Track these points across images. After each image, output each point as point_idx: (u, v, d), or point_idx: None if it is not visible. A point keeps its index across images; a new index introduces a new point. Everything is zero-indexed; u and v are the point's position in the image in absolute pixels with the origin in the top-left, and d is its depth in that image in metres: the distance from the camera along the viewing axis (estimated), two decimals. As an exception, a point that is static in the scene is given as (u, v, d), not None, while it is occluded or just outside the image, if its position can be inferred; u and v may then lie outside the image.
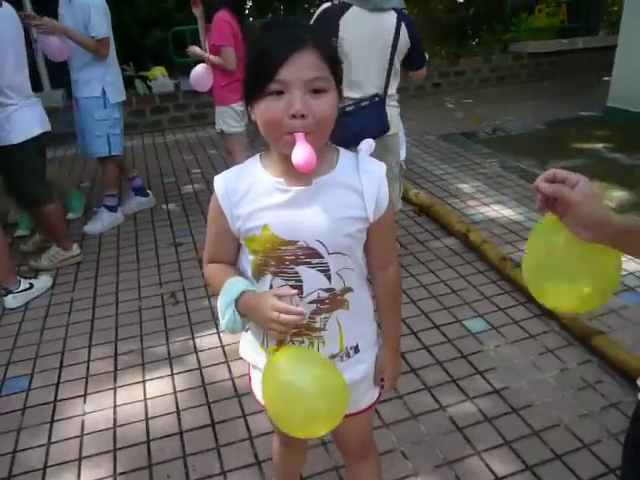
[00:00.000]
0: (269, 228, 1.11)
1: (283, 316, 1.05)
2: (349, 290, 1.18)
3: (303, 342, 1.19)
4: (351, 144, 1.27)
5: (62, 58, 3.70)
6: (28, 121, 3.11)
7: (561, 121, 6.14)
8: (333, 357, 1.22)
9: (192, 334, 2.73)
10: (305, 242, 1.10)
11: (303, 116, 0.99)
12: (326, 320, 1.18)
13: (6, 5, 3.02)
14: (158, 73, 6.55)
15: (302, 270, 1.13)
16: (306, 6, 9.95)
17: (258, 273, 1.17)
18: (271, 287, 1.16)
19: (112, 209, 4.08)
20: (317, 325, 1.18)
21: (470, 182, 4.50)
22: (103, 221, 4.03)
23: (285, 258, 1.12)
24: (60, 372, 2.51)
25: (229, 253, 1.22)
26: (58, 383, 2.44)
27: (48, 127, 3.26)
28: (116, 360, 2.57)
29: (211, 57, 3.51)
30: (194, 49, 3.68)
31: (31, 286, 3.12)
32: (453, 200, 4.16)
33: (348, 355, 1.24)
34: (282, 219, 1.10)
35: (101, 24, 3.61)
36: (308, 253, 1.11)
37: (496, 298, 2.89)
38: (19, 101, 3.07)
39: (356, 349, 1.25)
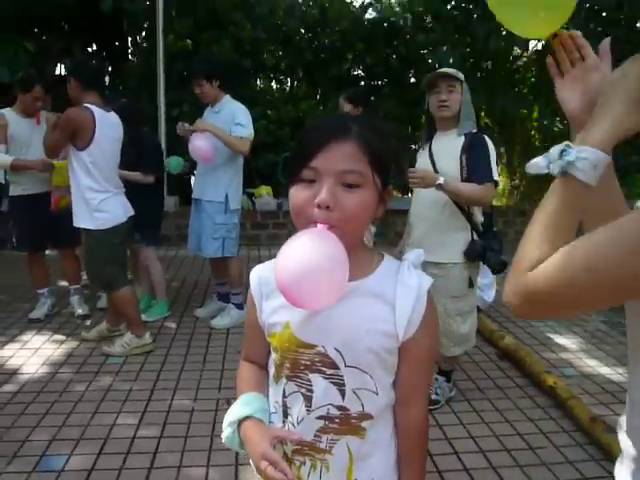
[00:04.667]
0: (290, 326, 1.03)
1: (269, 470, 0.95)
2: (368, 417, 1.04)
3: (304, 463, 1.06)
4: None
5: (208, 161, 3.84)
6: (116, 209, 3.39)
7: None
8: None
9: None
10: (324, 348, 1.01)
11: (328, 207, 0.93)
12: (334, 443, 1.04)
13: (113, 113, 3.45)
14: (264, 192, 6.97)
15: (315, 379, 1.03)
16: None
17: (277, 374, 1.09)
18: (284, 392, 1.07)
19: (239, 306, 4.17)
20: (322, 446, 1.04)
21: (564, 333, 4.15)
22: (232, 317, 4.14)
23: (301, 362, 1.04)
24: (97, 458, 2.43)
25: (261, 352, 1.15)
26: (92, 469, 2.35)
27: (131, 212, 3.51)
28: (154, 458, 2.46)
29: None
30: None
31: None
32: (542, 349, 3.82)
33: None
34: (304, 319, 1.02)
35: (246, 125, 3.88)
36: (325, 361, 1.02)
37: (581, 464, 2.49)
38: (111, 190, 3.38)
39: None
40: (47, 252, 4.27)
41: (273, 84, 8.68)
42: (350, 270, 0.95)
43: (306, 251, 0.90)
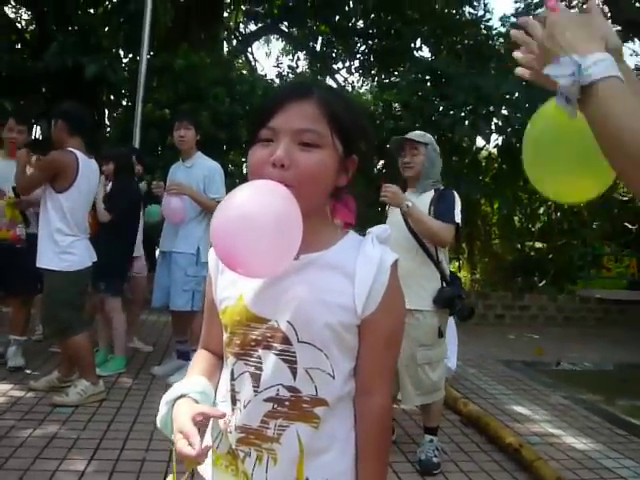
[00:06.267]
0: (243, 299, 0.98)
1: (179, 444, 0.87)
2: (322, 403, 0.95)
3: (249, 454, 0.95)
4: None
5: (181, 221, 3.86)
6: (83, 252, 3.34)
7: (634, 365, 5.72)
8: None
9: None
10: (277, 322, 0.94)
11: (283, 166, 0.89)
12: (282, 430, 0.94)
13: (93, 160, 3.48)
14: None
15: (265, 355, 0.95)
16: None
17: (226, 355, 1.02)
18: (233, 374, 0.99)
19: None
20: (270, 433, 0.94)
21: (528, 405, 4.12)
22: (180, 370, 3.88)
23: (251, 338, 0.96)
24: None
25: (218, 336, 1.06)
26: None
27: (94, 258, 3.46)
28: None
29: None
30: None
31: None
32: (506, 419, 3.77)
33: None
34: (258, 290, 0.96)
35: (221, 186, 3.93)
36: (276, 336, 0.94)
37: (549, 526, 2.41)
38: (79, 234, 3.35)
39: None
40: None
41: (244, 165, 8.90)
42: (309, 242, 0.91)
43: (248, 203, 0.85)
